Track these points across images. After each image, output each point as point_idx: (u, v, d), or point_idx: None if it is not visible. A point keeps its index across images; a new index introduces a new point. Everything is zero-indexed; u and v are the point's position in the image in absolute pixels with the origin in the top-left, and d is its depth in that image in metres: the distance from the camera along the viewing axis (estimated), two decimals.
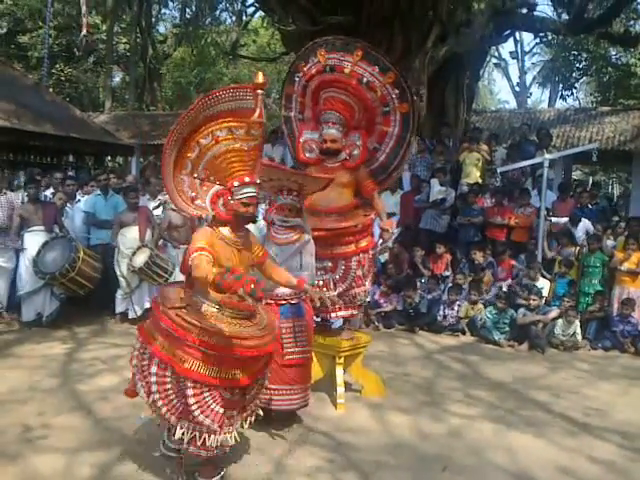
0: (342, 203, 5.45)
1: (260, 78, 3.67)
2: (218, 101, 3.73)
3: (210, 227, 3.80)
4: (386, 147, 5.55)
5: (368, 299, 6.53)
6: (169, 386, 3.69)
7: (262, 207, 7.57)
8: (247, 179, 3.74)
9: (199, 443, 3.67)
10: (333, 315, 5.59)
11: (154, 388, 3.70)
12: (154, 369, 3.71)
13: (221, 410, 3.65)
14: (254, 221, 4.01)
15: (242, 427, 3.93)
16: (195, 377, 3.59)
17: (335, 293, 5.42)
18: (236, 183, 3.72)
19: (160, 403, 3.70)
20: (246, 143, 3.73)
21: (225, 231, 3.78)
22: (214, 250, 3.66)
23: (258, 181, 3.82)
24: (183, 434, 3.67)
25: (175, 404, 3.70)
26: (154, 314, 3.80)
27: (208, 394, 3.63)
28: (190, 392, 3.60)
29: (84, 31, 18.55)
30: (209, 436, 3.65)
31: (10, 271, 8.22)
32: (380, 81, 5.29)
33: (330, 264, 5.44)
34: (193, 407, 3.60)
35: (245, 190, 3.73)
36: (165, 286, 4.14)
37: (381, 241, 5.81)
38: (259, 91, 3.68)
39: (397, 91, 5.32)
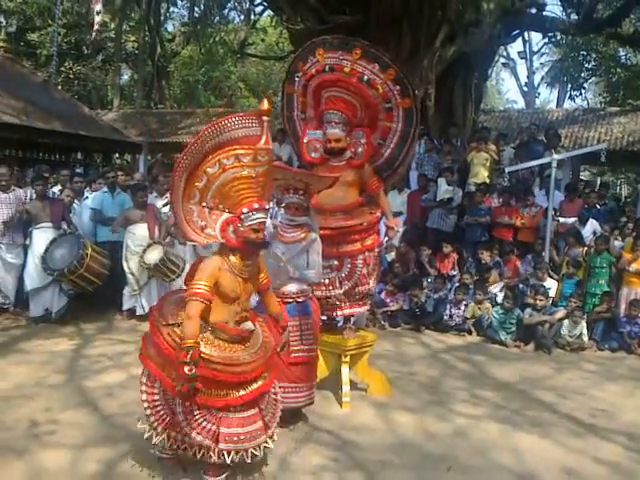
0: (348, 202, 5.45)
1: (265, 105, 3.71)
2: (224, 130, 3.72)
3: (219, 255, 3.77)
4: (390, 142, 5.52)
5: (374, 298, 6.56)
6: (157, 397, 3.76)
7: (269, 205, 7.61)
8: (256, 205, 3.71)
9: (190, 453, 3.71)
10: (339, 313, 5.61)
11: (143, 397, 3.78)
12: (144, 379, 3.80)
13: (214, 427, 3.65)
14: (265, 247, 4.00)
15: (268, 444, 3.90)
16: (182, 397, 3.61)
17: (341, 291, 5.44)
18: (245, 210, 3.69)
19: (148, 412, 3.78)
20: (253, 169, 3.71)
21: (234, 259, 3.75)
22: (218, 285, 3.67)
23: (267, 206, 3.81)
24: (171, 443, 3.75)
25: (162, 415, 3.75)
26: (150, 326, 3.83)
27: (198, 412, 3.65)
28: (179, 409, 3.66)
29: (96, 27, 18.57)
30: (199, 449, 3.67)
31: (18, 267, 8.27)
32: (381, 78, 5.25)
33: (336, 262, 5.45)
34: (183, 424, 3.65)
35: (255, 216, 3.70)
36: (167, 297, 4.13)
37: (386, 239, 5.81)
38: (264, 118, 3.69)
39: (398, 87, 5.28)
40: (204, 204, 3.78)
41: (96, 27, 18.60)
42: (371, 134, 5.47)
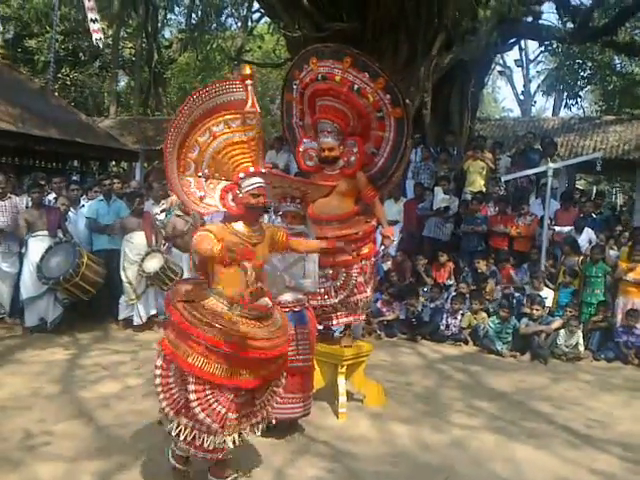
0: (343, 211, 5.44)
1: (247, 70, 3.72)
2: (209, 96, 3.75)
3: (222, 223, 3.76)
4: (384, 152, 5.50)
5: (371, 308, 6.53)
6: (172, 379, 3.67)
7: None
8: (252, 169, 3.71)
9: (198, 443, 3.62)
10: (335, 322, 5.59)
11: (157, 381, 3.70)
12: (159, 362, 3.71)
13: (223, 410, 3.58)
14: (267, 210, 3.97)
15: (250, 434, 3.84)
16: (197, 372, 3.53)
17: (336, 300, 5.42)
18: (241, 175, 3.69)
19: (161, 396, 3.69)
20: (244, 134, 3.73)
21: (238, 227, 3.72)
22: (226, 247, 3.56)
23: (263, 170, 3.78)
24: (180, 431, 3.64)
25: (176, 398, 3.67)
26: (165, 306, 3.83)
27: (210, 392, 3.57)
28: (192, 387, 3.55)
29: (97, 36, 18.48)
30: (207, 436, 3.60)
31: (13, 276, 8.22)
32: (371, 87, 5.24)
33: (331, 272, 5.42)
34: (193, 404, 3.55)
35: (252, 181, 3.69)
36: (180, 281, 4.16)
37: (382, 247, 5.78)
38: (248, 82, 3.68)
39: (389, 96, 5.26)
40: (200, 174, 3.79)
41: (98, 35, 18.51)
42: (364, 143, 5.47)
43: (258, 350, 3.59)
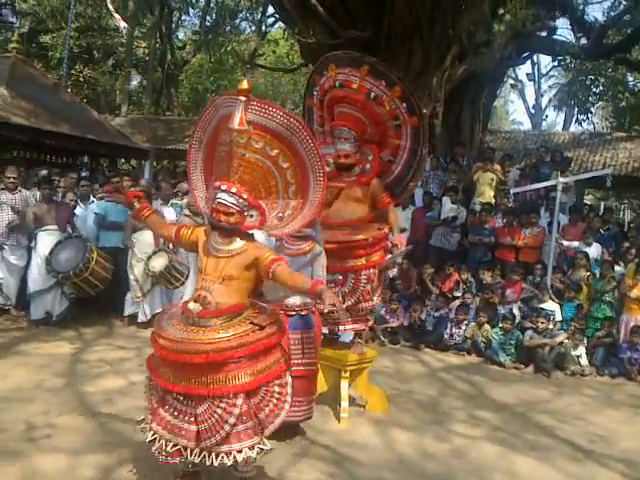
0: (356, 217, 5.46)
1: (244, 84, 3.61)
2: (219, 106, 3.79)
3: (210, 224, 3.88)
4: (400, 160, 5.55)
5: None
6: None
7: None
8: (217, 184, 3.68)
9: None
10: (342, 328, 5.59)
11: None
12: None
13: (155, 404, 3.69)
14: (219, 227, 3.75)
15: (198, 460, 3.59)
16: (147, 360, 3.86)
17: (344, 306, 5.42)
18: (213, 186, 3.76)
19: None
20: (222, 147, 3.73)
21: (214, 234, 3.75)
22: (197, 242, 3.84)
23: (234, 190, 3.63)
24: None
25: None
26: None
27: (153, 382, 3.75)
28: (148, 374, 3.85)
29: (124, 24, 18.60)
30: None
31: (21, 269, 8.26)
32: (388, 95, 5.28)
33: (340, 277, 5.43)
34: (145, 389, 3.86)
35: (217, 195, 3.66)
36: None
37: (389, 256, 5.73)
38: (241, 97, 3.58)
39: (405, 105, 5.31)
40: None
41: (123, 24, 18.72)
42: (381, 151, 5.50)
43: (162, 349, 3.61)
